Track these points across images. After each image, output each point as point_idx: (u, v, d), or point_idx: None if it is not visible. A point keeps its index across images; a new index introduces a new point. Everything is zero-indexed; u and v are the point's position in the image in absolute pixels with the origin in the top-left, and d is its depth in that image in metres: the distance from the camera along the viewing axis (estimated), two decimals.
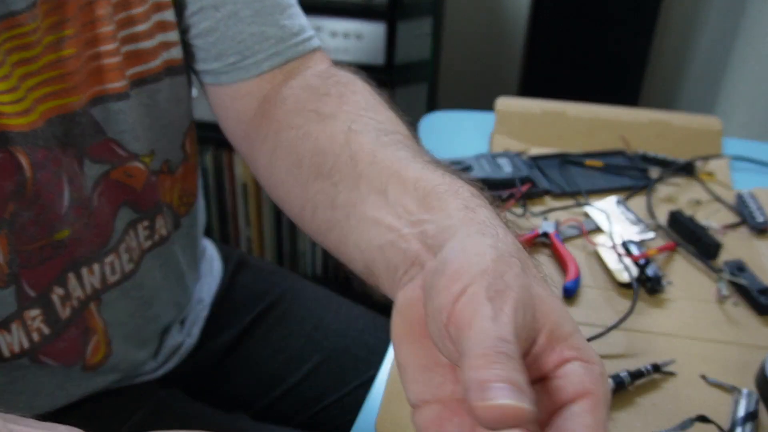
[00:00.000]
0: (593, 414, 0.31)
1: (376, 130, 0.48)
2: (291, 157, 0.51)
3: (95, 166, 0.55)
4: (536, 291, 0.33)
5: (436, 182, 0.40)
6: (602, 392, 0.32)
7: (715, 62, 1.60)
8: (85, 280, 0.57)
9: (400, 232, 0.39)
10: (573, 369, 0.32)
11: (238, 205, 1.63)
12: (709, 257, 0.68)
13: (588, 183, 0.80)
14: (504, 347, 0.29)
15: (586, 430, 0.31)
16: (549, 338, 0.33)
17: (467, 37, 1.87)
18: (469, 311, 0.31)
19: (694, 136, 0.86)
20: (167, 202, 0.64)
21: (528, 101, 0.91)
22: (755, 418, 0.50)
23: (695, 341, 0.59)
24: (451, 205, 0.38)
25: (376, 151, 0.45)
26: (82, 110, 0.53)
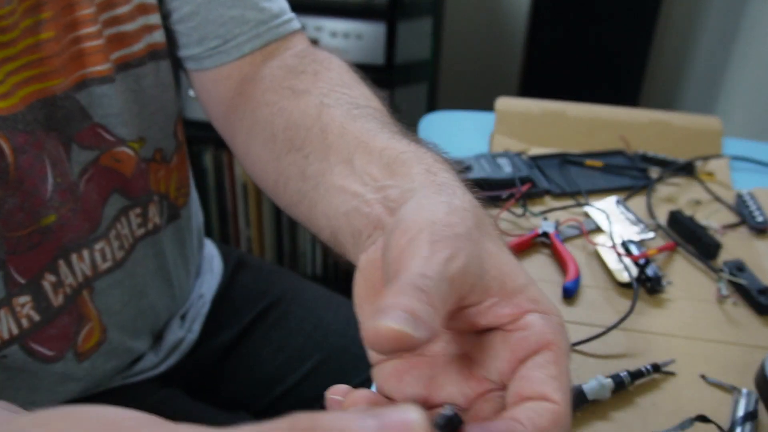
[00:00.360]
0: (557, 364, 0.32)
1: (348, 104, 0.49)
2: (266, 133, 0.52)
3: (84, 153, 0.55)
4: (488, 246, 0.34)
5: (401, 150, 0.41)
6: (564, 343, 0.33)
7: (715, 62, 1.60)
8: (76, 267, 0.57)
9: (364, 197, 0.40)
10: (533, 320, 0.33)
11: (238, 205, 1.63)
12: (709, 257, 0.68)
13: (588, 183, 0.80)
14: (422, 282, 0.29)
15: (551, 381, 0.31)
16: (502, 290, 0.33)
17: (467, 37, 1.87)
18: (409, 254, 0.31)
19: (694, 136, 0.86)
20: (163, 192, 0.64)
21: (528, 101, 0.91)
22: (755, 418, 0.50)
23: (695, 341, 0.59)
24: (414, 169, 0.39)
25: (345, 123, 0.46)
26: (64, 94, 0.53)
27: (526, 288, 0.34)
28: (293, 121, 0.50)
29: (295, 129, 0.49)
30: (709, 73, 1.65)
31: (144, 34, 0.57)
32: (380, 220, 0.38)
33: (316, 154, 0.46)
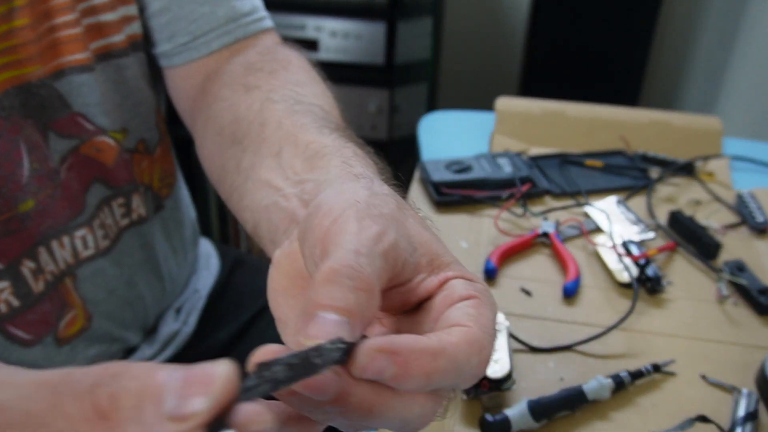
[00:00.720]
0: (476, 307, 0.31)
1: (293, 100, 0.50)
2: (215, 126, 0.53)
3: (63, 141, 0.56)
4: (414, 226, 0.34)
5: (324, 144, 0.42)
6: (488, 300, 0.32)
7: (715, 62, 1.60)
8: (57, 254, 0.57)
9: (283, 191, 0.41)
10: (457, 282, 0.32)
11: None
12: (709, 257, 0.68)
13: (588, 183, 0.79)
14: (355, 260, 0.28)
15: (467, 316, 0.30)
16: (431, 266, 0.33)
17: (467, 37, 1.87)
18: (337, 231, 0.30)
19: (694, 136, 0.86)
20: (146, 183, 0.64)
21: (528, 101, 0.91)
22: (755, 418, 0.50)
23: (695, 341, 0.59)
24: (332, 162, 0.40)
25: (283, 118, 0.47)
26: (40, 82, 0.53)
27: (453, 264, 0.34)
28: (239, 116, 0.51)
29: (238, 123, 0.50)
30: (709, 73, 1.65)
31: (124, 24, 0.58)
32: (295, 214, 0.38)
33: (251, 148, 0.47)
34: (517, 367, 0.54)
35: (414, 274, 0.33)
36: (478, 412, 0.50)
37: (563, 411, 0.50)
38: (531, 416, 0.49)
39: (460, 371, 0.29)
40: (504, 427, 0.48)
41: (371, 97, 1.49)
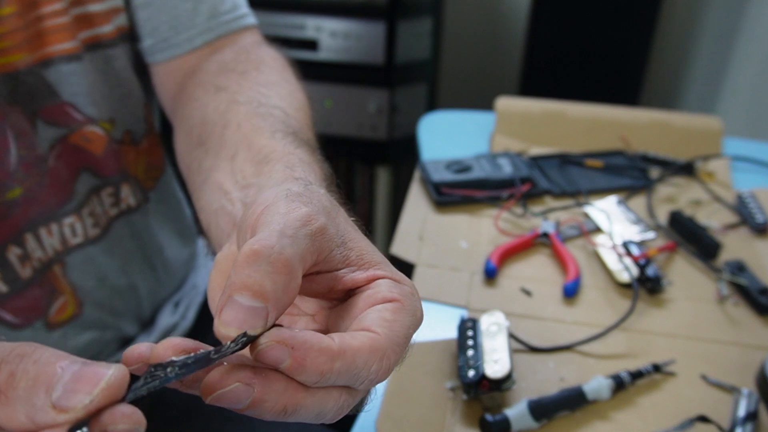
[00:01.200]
0: (394, 312, 0.31)
1: (257, 102, 0.50)
2: (186, 127, 0.54)
3: (50, 129, 0.56)
4: (346, 226, 0.34)
5: (273, 149, 0.43)
6: (410, 304, 0.32)
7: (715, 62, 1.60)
8: (45, 241, 0.57)
9: (230, 195, 0.42)
10: (383, 282, 0.33)
11: None
12: (709, 257, 0.68)
13: (588, 183, 0.79)
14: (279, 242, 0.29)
15: (380, 320, 0.31)
16: (360, 261, 0.34)
17: (467, 37, 1.87)
18: (267, 216, 0.31)
19: (694, 136, 0.86)
20: (133, 174, 0.64)
21: (528, 101, 0.91)
22: (755, 418, 0.50)
23: (695, 341, 0.59)
24: (276, 167, 0.41)
25: (243, 121, 0.48)
26: (28, 69, 0.53)
27: (383, 264, 0.34)
28: (206, 117, 0.52)
29: (205, 124, 0.51)
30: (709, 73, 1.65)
31: (113, 15, 0.58)
32: (237, 217, 0.39)
33: (213, 150, 0.48)
34: (517, 367, 0.54)
35: (342, 264, 0.33)
36: (478, 412, 0.50)
37: (563, 411, 0.50)
38: (531, 416, 0.49)
39: (357, 375, 0.29)
40: (504, 427, 0.48)
41: (371, 97, 1.49)
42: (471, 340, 0.53)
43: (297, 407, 0.28)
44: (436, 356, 0.55)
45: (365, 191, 1.53)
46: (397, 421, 0.49)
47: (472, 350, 0.52)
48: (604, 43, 1.59)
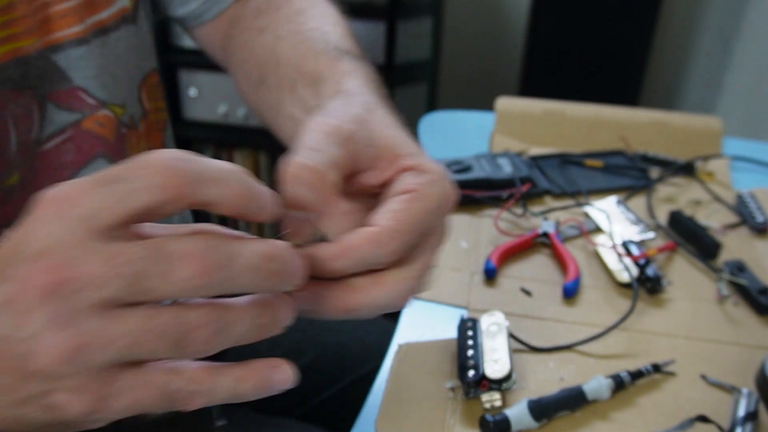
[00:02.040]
0: (404, 202, 0.36)
1: (296, 31, 0.56)
2: (243, 73, 0.60)
3: (62, 113, 0.56)
4: (378, 125, 0.39)
5: (322, 69, 0.49)
6: (429, 190, 0.37)
7: (715, 62, 1.60)
8: None
9: (303, 123, 0.45)
10: (406, 175, 0.38)
11: None
12: (709, 257, 0.68)
13: (588, 183, 0.79)
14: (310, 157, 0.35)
15: (387, 212, 0.36)
16: (391, 158, 0.38)
17: (467, 37, 1.87)
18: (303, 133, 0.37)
19: (694, 136, 0.86)
20: None
21: (528, 101, 0.91)
22: (755, 418, 0.50)
23: (695, 341, 0.59)
24: (327, 85, 0.47)
25: (290, 52, 0.54)
26: (38, 54, 0.53)
27: (413, 155, 0.38)
28: (260, 59, 0.57)
29: (261, 66, 0.57)
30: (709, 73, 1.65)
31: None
32: None
33: (273, 86, 0.54)
34: (517, 367, 0.54)
35: (373, 163, 0.38)
36: (478, 412, 0.50)
37: (563, 411, 0.50)
38: (531, 416, 0.49)
39: (369, 262, 0.35)
40: (504, 427, 0.48)
41: None
42: (471, 340, 0.53)
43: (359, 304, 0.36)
44: (436, 356, 0.55)
45: None
46: (397, 421, 0.49)
47: (472, 350, 0.52)
48: (604, 43, 1.59)
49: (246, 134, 1.50)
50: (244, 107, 1.47)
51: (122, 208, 0.29)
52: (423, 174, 0.37)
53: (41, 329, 0.28)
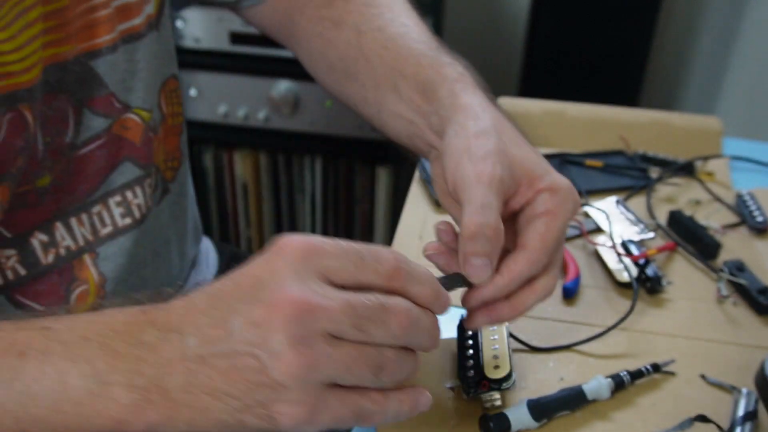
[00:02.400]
0: (547, 223, 0.44)
1: (377, 26, 0.59)
2: (324, 63, 0.64)
3: (97, 119, 0.57)
4: (512, 151, 0.45)
5: (429, 74, 0.53)
6: (562, 209, 0.45)
7: (715, 62, 1.60)
8: (76, 231, 0.57)
9: (416, 124, 0.53)
10: (542, 196, 0.45)
11: (238, 205, 1.63)
12: (709, 257, 0.68)
13: (588, 183, 0.79)
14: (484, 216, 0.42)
15: (536, 235, 0.44)
16: (529, 182, 0.45)
17: (467, 37, 1.87)
18: (461, 179, 0.44)
19: (694, 136, 0.86)
20: (156, 163, 0.65)
21: (528, 101, 0.91)
22: (755, 417, 0.50)
23: (695, 341, 0.59)
24: (442, 93, 0.51)
25: (384, 54, 0.57)
26: (75, 59, 0.54)
27: (545, 174, 0.45)
28: (342, 53, 0.60)
29: (345, 61, 0.60)
30: (709, 73, 1.65)
31: (144, 5, 0.59)
32: (433, 143, 0.52)
33: (369, 84, 0.58)
34: (517, 367, 0.54)
35: (516, 189, 0.45)
36: (478, 412, 0.50)
37: (563, 411, 0.50)
38: (531, 416, 0.49)
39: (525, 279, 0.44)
40: (504, 427, 0.48)
41: None
42: (471, 339, 0.53)
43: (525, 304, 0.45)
44: (436, 356, 0.55)
45: (365, 191, 1.53)
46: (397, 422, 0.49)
47: (472, 350, 0.52)
48: (604, 43, 1.59)
49: (246, 134, 1.50)
50: (244, 107, 1.47)
51: (356, 277, 0.37)
52: (556, 193, 0.45)
53: (283, 348, 0.34)
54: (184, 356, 0.36)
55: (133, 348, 0.36)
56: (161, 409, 0.36)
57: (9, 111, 0.48)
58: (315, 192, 1.57)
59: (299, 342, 0.34)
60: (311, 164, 1.55)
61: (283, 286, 0.35)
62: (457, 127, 0.47)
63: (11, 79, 0.48)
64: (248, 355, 0.35)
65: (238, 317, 0.36)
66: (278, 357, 0.34)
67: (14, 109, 0.49)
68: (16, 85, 0.49)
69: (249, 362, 0.35)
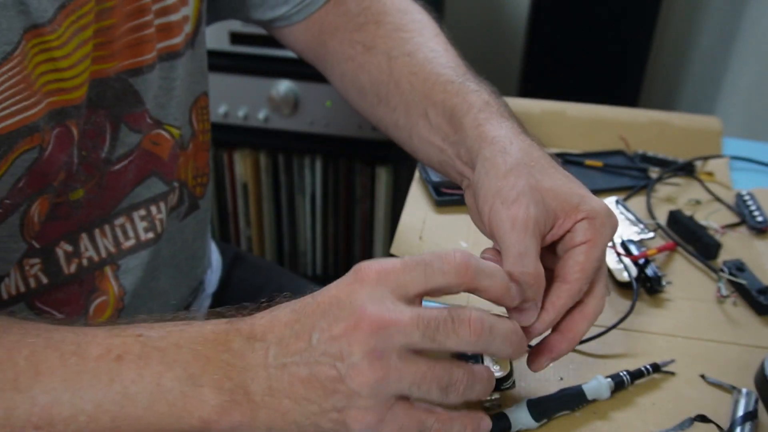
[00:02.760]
0: (586, 254, 0.45)
1: (407, 52, 0.60)
2: (356, 87, 0.65)
3: (132, 135, 0.58)
4: (544, 184, 0.46)
5: (455, 102, 0.54)
6: (600, 237, 0.45)
7: (715, 62, 1.60)
8: (99, 243, 0.58)
9: (446, 152, 0.55)
10: (580, 224, 0.45)
11: (238, 205, 1.63)
12: (709, 257, 0.68)
13: (588, 183, 0.79)
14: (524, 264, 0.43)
15: (574, 265, 0.45)
16: (564, 211, 0.46)
17: (467, 37, 1.87)
18: (495, 224, 0.45)
19: (694, 136, 0.86)
20: (183, 180, 0.65)
21: (528, 101, 0.91)
22: (754, 417, 0.50)
23: (695, 341, 0.59)
24: (467, 122, 0.52)
25: (414, 81, 0.58)
26: (116, 76, 0.55)
27: (581, 203, 0.46)
28: (373, 78, 0.62)
29: (376, 85, 0.62)
30: (708, 73, 1.65)
31: (183, 24, 0.60)
32: (463, 173, 0.53)
33: (399, 108, 0.59)
34: (517, 367, 0.54)
35: (553, 222, 0.46)
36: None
37: (563, 411, 0.50)
38: (531, 416, 0.49)
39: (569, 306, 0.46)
40: (504, 427, 0.48)
41: None
42: None
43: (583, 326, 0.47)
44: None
45: (365, 191, 1.53)
46: None
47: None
48: (604, 43, 1.59)
49: (246, 134, 1.50)
50: (244, 107, 1.48)
51: (426, 285, 0.39)
52: (594, 220, 0.45)
53: (359, 360, 0.37)
54: (267, 364, 0.39)
55: (222, 354, 0.40)
56: (245, 411, 0.39)
57: (57, 126, 0.50)
58: (315, 192, 1.57)
59: (374, 356, 0.37)
60: (311, 164, 1.55)
61: (360, 306, 0.38)
62: (487, 165, 0.48)
63: (64, 95, 0.50)
64: (327, 365, 0.38)
65: (319, 332, 0.39)
66: (355, 368, 0.37)
67: (62, 124, 0.50)
68: (66, 101, 0.50)
69: (328, 371, 0.38)
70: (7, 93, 0.45)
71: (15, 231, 0.51)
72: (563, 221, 0.46)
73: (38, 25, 0.46)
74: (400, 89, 0.59)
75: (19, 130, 0.47)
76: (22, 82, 0.46)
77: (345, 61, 0.65)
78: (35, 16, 0.46)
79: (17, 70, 0.46)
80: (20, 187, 0.49)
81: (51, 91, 0.49)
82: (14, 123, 0.46)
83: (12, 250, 0.52)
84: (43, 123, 0.48)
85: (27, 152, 0.48)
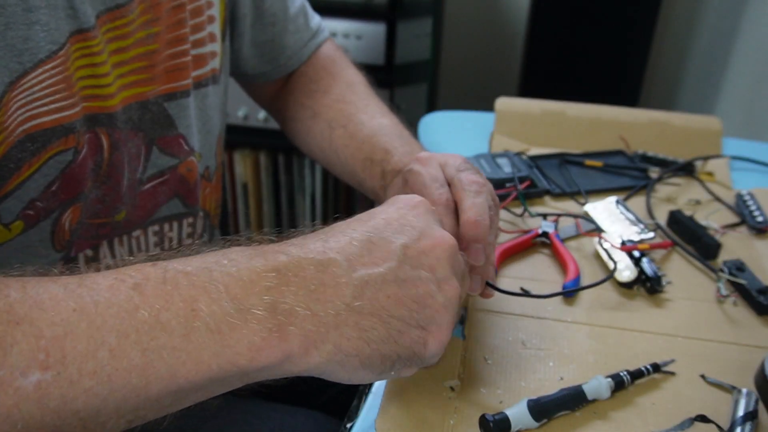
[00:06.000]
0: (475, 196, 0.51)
1: (345, 126, 0.68)
2: (304, 144, 0.74)
3: (164, 158, 0.60)
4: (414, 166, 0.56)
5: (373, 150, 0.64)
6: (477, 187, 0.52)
7: (715, 62, 1.60)
8: (117, 251, 0.60)
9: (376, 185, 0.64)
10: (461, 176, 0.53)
11: (238, 205, 1.63)
12: (709, 257, 0.68)
13: (588, 183, 0.80)
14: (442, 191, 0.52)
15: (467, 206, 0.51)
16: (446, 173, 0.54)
17: (467, 37, 1.87)
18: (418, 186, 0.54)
19: (694, 136, 0.86)
20: (205, 209, 0.69)
21: (528, 101, 0.91)
22: (755, 417, 0.50)
23: (695, 341, 0.59)
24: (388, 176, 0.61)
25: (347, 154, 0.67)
26: (154, 99, 0.57)
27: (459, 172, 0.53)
28: (318, 142, 0.71)
29: (321, 149, 0.70)
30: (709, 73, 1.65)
31: (210, 59, 0.64)
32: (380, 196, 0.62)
33: (337, 171, 0.70)
34: (517, 367, 0.54)
35: None
36: (478, 412, 0.50)
37: (563, 410, 0.50)
38: (531, 416, 0.49)
39: None
40: (504, 426, 0.48)
41: None
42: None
43: None
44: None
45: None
46: (397, 421, 0.49)
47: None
48: (604, 43, 1.59)
49: (246, 134, 1.51)
50: (244, 107, 1.48)
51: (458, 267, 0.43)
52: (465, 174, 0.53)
53: (448, 276, 0.39)
54: (338, 283, 0.37)
55: (269, 275, 0.36)
56: (308, 334, 0.35)
57: (88, 131, 0.51)
58: (315, 192, 1.57)
59: (456, 273, 0.40)
60: (311, 164, 1.54)
61: (434, 228, 0.41)
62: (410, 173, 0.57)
63: (98, 101, 0.51)
64: (418, 279, 0.38)
65: (402, 247, 0.39)
66: (446, 282, 0.39)
67: (92, 131, 0.52)
68: (100, 108, 0.52)
69: (421, 286, 0.38)
70: (48, 90, 0.47)
71: (46, 237, 0.52)
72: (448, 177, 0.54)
73: (83, 30, 0.48)
74: (338, 155, 0.67)
75: (54, 129, 0.48)
76: (63, 83, 0.48)
77: (296, 121, 0.73)
78: (82, 21, 0.48)
79: (60, 69, 0.47)
80: (53, 191, 0.50)
81: (87, 96, 0.50)
82: (51, 121, 0.48)
83: (41, 256, 0.53)
84: (78, 125, 0.50)
85: (61, 153, 0.50)
